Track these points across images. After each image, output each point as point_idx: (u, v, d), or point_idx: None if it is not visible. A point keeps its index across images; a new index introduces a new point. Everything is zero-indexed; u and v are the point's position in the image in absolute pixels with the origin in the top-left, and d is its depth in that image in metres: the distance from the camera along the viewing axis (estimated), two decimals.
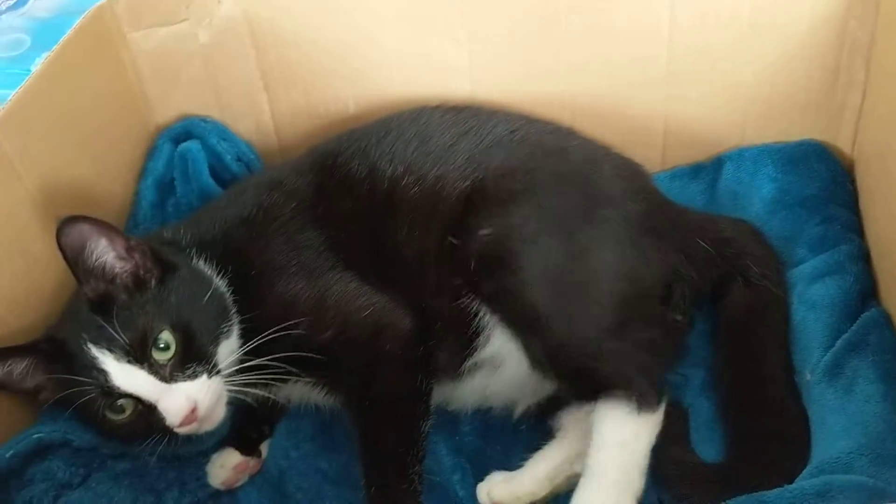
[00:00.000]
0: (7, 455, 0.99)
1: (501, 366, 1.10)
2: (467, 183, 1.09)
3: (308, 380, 1.11)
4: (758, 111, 1.29)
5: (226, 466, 1.15)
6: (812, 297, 1.11)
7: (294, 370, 1.06)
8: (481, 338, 1.07)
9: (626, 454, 0.98)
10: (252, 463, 1.17)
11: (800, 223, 1.21)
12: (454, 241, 1.06)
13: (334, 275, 1.10)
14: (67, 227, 0.96)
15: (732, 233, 1.16)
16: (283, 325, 1.01)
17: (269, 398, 1.15)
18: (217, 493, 1.15)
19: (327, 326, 1.07)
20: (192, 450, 1.13)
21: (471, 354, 1.09)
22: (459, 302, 1.07)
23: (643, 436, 0.99)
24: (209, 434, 1.14)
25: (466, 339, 1.08)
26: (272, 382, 1.10)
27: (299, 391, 1.14)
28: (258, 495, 1.15)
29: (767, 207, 1.24)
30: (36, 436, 1.01)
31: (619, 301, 1.03)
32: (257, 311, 1.04)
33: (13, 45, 1.87)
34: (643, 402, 0.98)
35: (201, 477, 1.14)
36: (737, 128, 1.31)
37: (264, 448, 1.19)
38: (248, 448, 1.17)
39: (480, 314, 1.06)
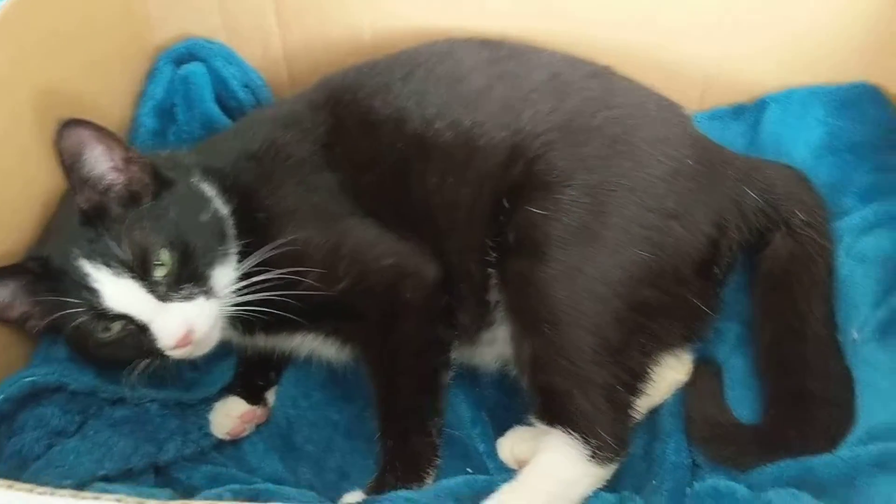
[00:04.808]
0: None
1: None
2: (506, 133, 1.01)
3: (319, 332, 1.05)
4: (809, 49, 1.21)
5: (231, 415, 1.09)
6: (861, 250, 1.05)
7: (304, 320, 1.00)
8: (497, 314, 1.01)
9: (560, 489, 0.93)
10: (259, 412, 1.11)
11: (849, 170, 1.14)
12: (506, 205, 0.99)
13: (351, 221, 1.03)
14: (67, 131, 0.91)
15: (778, 178, 1.08)
16: (291, 270, 0.96)
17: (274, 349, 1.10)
18: (221, 444, 1.09)
19: (342, 276, 1.01)
20: (194, 397, 1.08)
21: (487, 327, 1.03)
22: (485, 264, 1.01)
23: (585, 483, 0.94)
24: (212, 381, 1.10)
25: (484, 308, 1.02)
26: (277, 330, 1.04)
27: (309, 345, 1.08)
28: (265, 446, 1.10)
29: (814, 153, 1.16)
30: (29, 379, 0.94)
31: (635, 308, 0.95)
32: (264, 253, 0.97)
33: None
34: (599, 453, 0.92)
35: (204, 426, 1.08)
36: (785, 67, 1.22)
37: (271, 396, 1.13)
38: (255, 396, 1.11)
39: (498, 289, 1.00)
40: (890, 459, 0.84)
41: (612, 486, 0.97)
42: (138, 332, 0.93)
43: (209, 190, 1.02)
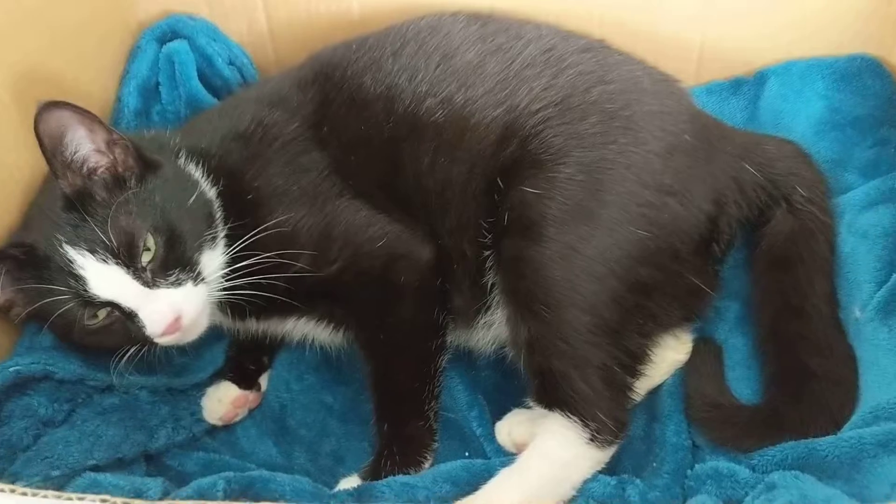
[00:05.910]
0: None
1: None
2: (500, 111, 0.99)
3: (311, 316, 1.03)
4: (807, 21, 1.18)
5: (223, 401, 1.07)
6: (863, 227, 1.03)
7: (296, 303, 0.99)
8: (493, 296, 0.99)
9: (559, 472, 0.93)
10: (251, 397, 1.09)
11: (850, 145, 1.12)
12: (500, 184, 0.97)
13: (342, 202, 1.01)
14: (47, 114, 0.88)
15: (778, 153, 1.06)
16: (280, 254, 0.94)
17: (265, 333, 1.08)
18: (213, 429, 1.08)
19: (334, 259, 0.99)
20: (185, 382, 1.06)
21: (484, 310, 1.01)
22: (480, 245, 0.99)
23: (584, 465, 0.93)
24: (203, 366, 1.08)
25: (479, 290, 1.00)
26: (269, 314, 1.03)
27: (301, 328, 1.06)
28: (258, 431, 1.08)
29: (815, 127, 1.14)
30: (13, 368, 0.92)
31: (632, 287, 0.94)
32: (252, 237, 0.95)
33: None
34: (598, 436, 0.92)
35: (196, 412, 1.06)
36: (782, 39, 1.20)
37: (264, 381, 1.12)
38: (247, 381, 1.09)
39: (494, 271, 0.99)
40: (895, 440, 0.83)
41: (611, 468, 0.96)
42: (125, 319, 0.91)
43: (195, 172, 1.00)
